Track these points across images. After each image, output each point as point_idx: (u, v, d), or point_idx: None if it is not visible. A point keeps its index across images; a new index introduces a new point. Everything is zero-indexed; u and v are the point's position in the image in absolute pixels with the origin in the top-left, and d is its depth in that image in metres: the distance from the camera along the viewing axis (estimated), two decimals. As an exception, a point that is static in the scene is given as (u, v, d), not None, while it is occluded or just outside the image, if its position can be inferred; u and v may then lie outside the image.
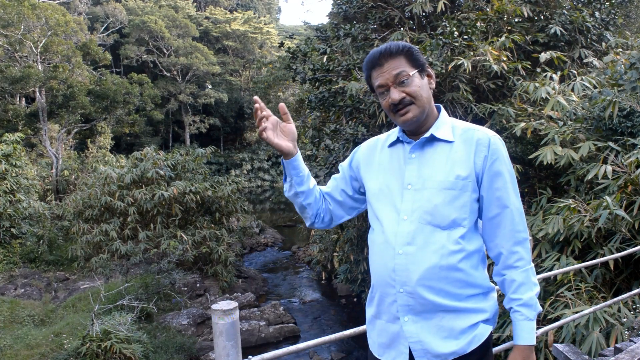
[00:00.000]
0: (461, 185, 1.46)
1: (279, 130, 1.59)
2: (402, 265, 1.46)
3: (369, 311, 1.63)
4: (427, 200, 1.47)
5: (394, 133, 1.63)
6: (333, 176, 1.80)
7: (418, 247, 1.45)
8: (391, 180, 1.56)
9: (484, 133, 1.51)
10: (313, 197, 1.70)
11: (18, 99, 22.27)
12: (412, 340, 1.46)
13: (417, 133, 1.56)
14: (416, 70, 1.50)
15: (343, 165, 1.77)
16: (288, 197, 1.71)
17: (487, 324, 1.50)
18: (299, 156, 1.62)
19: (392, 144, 1.61)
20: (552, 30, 7.41)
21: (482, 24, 7.42)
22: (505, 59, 6.75)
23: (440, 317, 1.45)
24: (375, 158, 1.65)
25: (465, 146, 1.50)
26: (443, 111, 1.59)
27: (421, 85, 1.50)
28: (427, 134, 1.52)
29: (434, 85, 1.57)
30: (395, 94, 1.48)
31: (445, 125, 1.54)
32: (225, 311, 1.47)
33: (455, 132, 1.53)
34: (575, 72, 7.15)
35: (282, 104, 1.57)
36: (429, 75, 1.56)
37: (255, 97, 1.52)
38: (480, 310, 1.48)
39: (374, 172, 1.63)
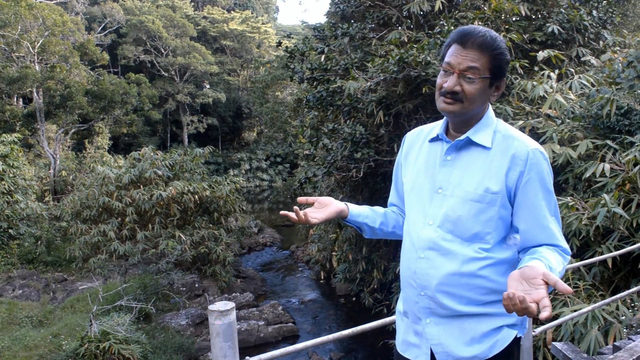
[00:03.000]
0: (489, 199, 1.39)
1: (318, 207, 1.57)
2: (422, 269, 1.45)
3: (399, 307, 1.63)
4: (452, 208, 1.42)
5: (437, 127, 1.55)
6: (393, 184, 1.76)
7: (439, 253, 1.42)
8: (424, 181, 1.51)
9: (524, 144, 1.39)
10: (392, 219, 1.71)
11: (15, 100, 22.21)
12: (434, 343, 1.45)
13: (457, 130, 1.48)
14: (489, 77, 1.39)
15: (397, 164, 1.71)
16: (375, 238, 1.73)
17: (512, 329, 1.44)
18: (352, 206, 1.62)
19: (432, 139, 1.54)
20: (550, 29, 7.41)
21: (480, 23, 7.42)
22: (503, 57, 6.74)
23: (462, 322, 1.42)
24: (415, 151, 1.60)
25: (501, 157, 1.40)
26: (489, 113, 1.48)
27: (483, 91, 1.40)
28: (462, 137, 1.44)
29: (494, 99, 1.47)
30: (452, 83, 1.38)
31: (486, 128, 1.45)
32: (222, 312, 1.46)
33: (495, 139, 1.43)
34: (572, 70, 7.15)
35: (300, 200, 1.56)
36: (497, 88, 1.45)
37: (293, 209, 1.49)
38: (504, 315, 1.41)
39: (410, 167, 1.60)
